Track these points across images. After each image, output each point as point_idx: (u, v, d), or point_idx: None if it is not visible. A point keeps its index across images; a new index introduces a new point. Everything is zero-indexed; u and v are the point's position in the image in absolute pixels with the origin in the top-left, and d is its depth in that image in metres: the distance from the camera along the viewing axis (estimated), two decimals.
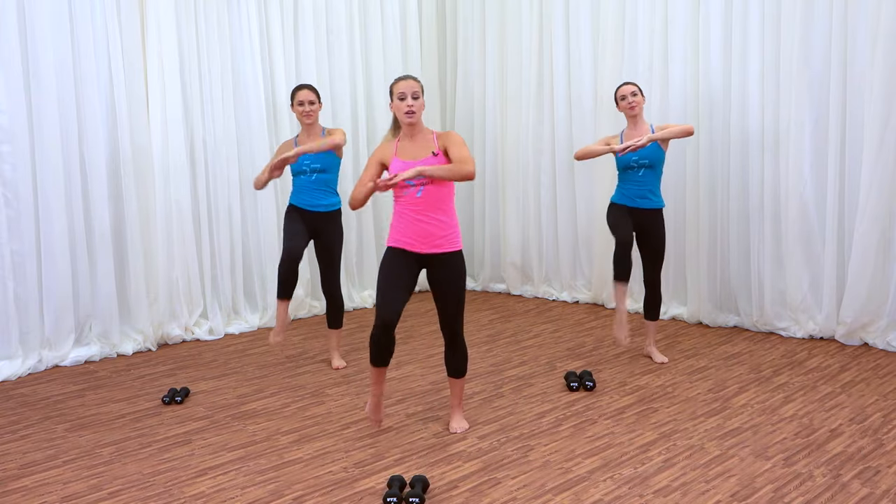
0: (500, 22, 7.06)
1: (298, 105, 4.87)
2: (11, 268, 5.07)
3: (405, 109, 3.71)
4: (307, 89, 4.91)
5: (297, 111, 4.90)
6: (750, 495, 3.25)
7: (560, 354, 5.32)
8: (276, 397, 4.61)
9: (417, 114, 3.74)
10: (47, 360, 5.21)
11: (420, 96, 3.74)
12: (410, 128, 3.77)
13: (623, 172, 4.93)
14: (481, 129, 7.32)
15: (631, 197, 4.90)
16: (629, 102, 4.87)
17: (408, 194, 3.72)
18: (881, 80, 5.01)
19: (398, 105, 3.73)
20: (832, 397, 4.37)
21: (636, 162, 4.86)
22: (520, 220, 7.11)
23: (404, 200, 3.74)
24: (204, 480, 3.53)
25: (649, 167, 4.86)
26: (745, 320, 5.78)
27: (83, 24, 5.27)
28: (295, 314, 6.46)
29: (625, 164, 4.89)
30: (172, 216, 5.75)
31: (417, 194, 3.70)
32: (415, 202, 3.72)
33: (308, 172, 4.90)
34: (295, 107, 4.90)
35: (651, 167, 4.86)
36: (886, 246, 5.15)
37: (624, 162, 4.88)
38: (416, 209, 3.72)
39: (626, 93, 4.89)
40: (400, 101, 3.72)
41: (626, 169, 4.90)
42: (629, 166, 4.88)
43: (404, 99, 3.71)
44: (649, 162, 4.85)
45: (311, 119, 4.89)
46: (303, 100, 4.86)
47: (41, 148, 5.13)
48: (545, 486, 3.39)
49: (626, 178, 4.92)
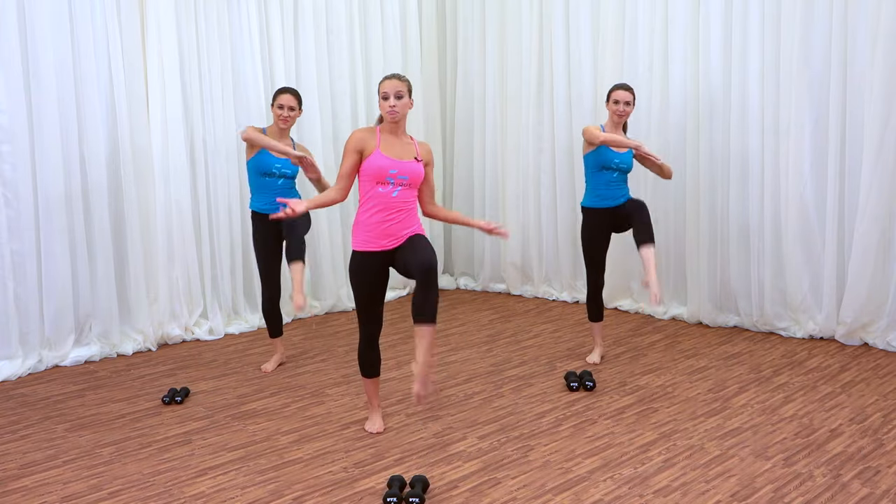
0: (500, 22, 7.05)
1: (279, 108, 4.79)
2: (11, 268, 5.07)
3: (387, 109, 3.75)
4: (290, 94, 4.83)
5: (275, 113, 4.81)
6: (750, 495, 3.25)
7: (560, 354, 5.32)
8: (276, 397, 4.61)
9: (400, 113, 3.77)
10: (47, 360, 5.21)
11: (404, 96, 3.76)
12: (394, 125, 3.81)
13: (597, 172, 4.87)
14: (481, 129, 7.31)
15: (604, 198, 4.88)
16: (621, 109, 4.86)
17: (384, 192, 3.72)
18: (881, 80, 5.01)
19: (382, 104, 3.78)
20: (832, 397, 4.37)
21: (616, 164, 4.84)
22: (520, 220, 7.11)
23: (377, 199, 3.73)
24: (204, 480, 3.53)
25: (624, 171, 4.87)
26: (745, 320, 5.78)
27: (83, 24, 5.27)
28: (294, 314, 6.46)
29: (604, 164, 4.83)
30: (172, 216, 5.75)
31: (394, 194, 3.73)
32: (389, 201, 3.73)
33: (277, 176, 4.83)
34: (275, 108, 4.82)
35: (625, 172, 4.88)
36: (886, 246, 5.15)
37: (604, 161, 4.83)
38: (387, 210, 3.73)
39: (621, 99, 4.85)
40: (384, 100, 3.76)
41: (602, 168, 4.85)
42: (608, 166, 4.84)
43: (387, 98, 3.75)
44: (626, 167, 4.85)
45: (287, 125, 4.83)
46: (283, 104, 4.79)
47: (41, 148, 5.13)
48: (545, 486, 3.39)
49: (599, 179, 4.87)
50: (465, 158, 7.48)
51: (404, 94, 3.76)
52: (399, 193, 3.74)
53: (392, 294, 7.09)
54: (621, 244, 6.08)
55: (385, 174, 3.70)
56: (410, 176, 3.76)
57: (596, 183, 4.90)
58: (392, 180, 3.71)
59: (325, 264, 6.60)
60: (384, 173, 3.70)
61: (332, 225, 6.61)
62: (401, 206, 3.75)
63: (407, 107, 3.79)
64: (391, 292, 7.09)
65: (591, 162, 4.88)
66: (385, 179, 3.71)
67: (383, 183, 3.71)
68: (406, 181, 3.75)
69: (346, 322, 6.14)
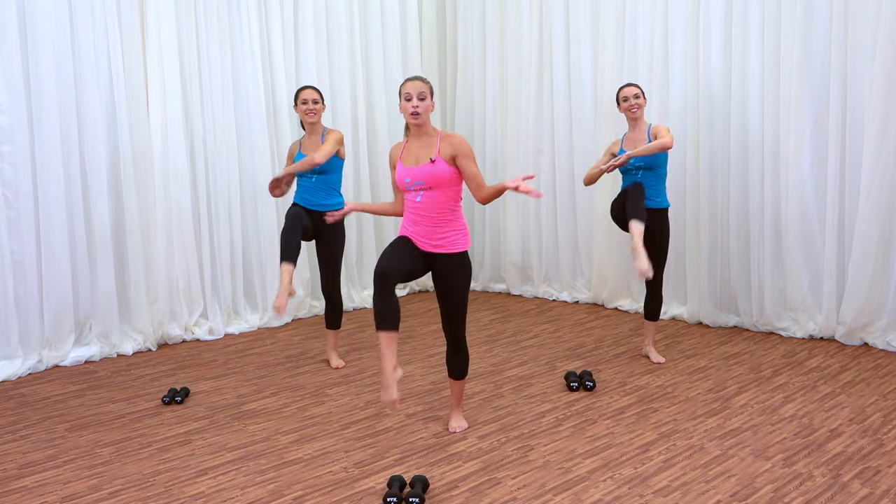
0: (500, 22, 7.05)
1: (302, 104, 4.91)
2: (11, 268, 5.07)
3: (410, 110, 3.74)
4: (311, 89, 4.97)
5: (300, 110, 4.93)
6: (750, 495, 3.25)
7: (560, 354, 5.32)
8: (276, 397, 4.61)
9: (423, 115, 3.75)
10: (47, 360, 5.21)
11: (427, 97, 3.75)
12: (417, 129, 3.80)
13: (624, 174, 4.96)
14: (481, 129, 7.31)
15: None
16: (631, 104, 4.87)
17: (410, 198, 3.78)
18: (881, 80, 5.00)
19: (404, 105, 3.75)
20: (832, 397, 4.37)
21: (632, 164, 4.86)
22: (520, 220, 7.11)
23: (407, 204, 3.82)
24: (204, 480, 3.53)
25: (647, 169, 4.86)
26: (745, 320, 5.78)
27: (83, 24, 5.27)
28: (295, 314, 6.47)
29: (623, 169, 4.91)
30: (172, 216, 5.75)
31: (417, 199, 3.75)
32: (415, 206, 3.76)
33: (308, 174, 4.91)
34: (299, 106, 4.93)
35: (649, 169, 4.85)
36: (886, 246, 5.15)
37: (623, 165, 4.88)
38: (415, 214, 3.77)
39: (629, 94, 4.88)
40: (406, 101, 3.74)
41: (625, 172, 4.93)
42: (627, 169, 4.90)
43: (410, 100, 3.73)
44: (645, 164, 4.85)
45: (314, 118, 4.92)
46: (307, 98, 4.91)
47: (41, 148, 5.13)
48: (545, 486, 3.39)
49: (626, 181, 4.95)
50: None
51: (426, 95, 3.75)
52: (423, 198, 3.74)
53: None
54: (622, 244, 6.08)
55: (402, 184, 3.78)
56: (426, 180, 3.71)
57: (624, 182, 4.97)
58: (411, 187, 3.76)
59: None
60: (402, 184, 3.78)
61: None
62: (427, 211, 3.73)
63: (429, 109, 3.78)
64: None
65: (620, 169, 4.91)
66: (405, 188, 3.78)
67: (406, 191, 3.79)
68: (423, 186, 3.72)
69: (346, 322, 6.14)
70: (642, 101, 4.90)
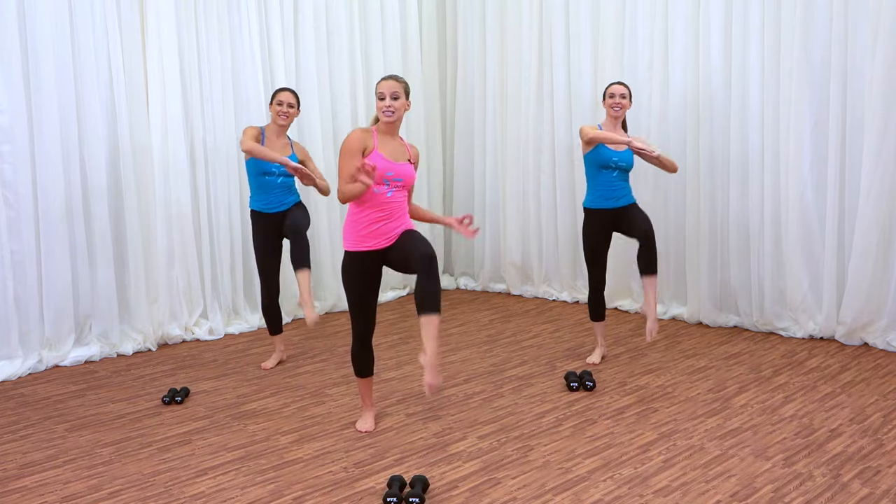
0: (500, 21, 7.05)
1: (277, 104, 4.90)
2: (11, 268, 5.07)
3: (383, 109, 3.78)
4: (289, 92, 4.96)
5: (274, 110, 4.92)
6: (750, 495, 3.25)
7: (560, 354, 5.32)
8: (276, 397, 4.61)
9: (396, 114, 3.78)
10: (47, 360, 5.21)
11: (400, 97, 3.78)
12: (388, 126, 3.83)
13: (597, 172, 4.87)
14: (481, 129, 7.31)
15: (606, 197, 4.87)
16: (616, 102, 4.87)
17: (379, 192, 3.72)
18: (881, 79, 5.00)
19: (378, 104, 3.81)
20: (832, 397, 4.37)
21: (615, 163, 4.83)
22: (520, 220, 7.10)
23: (372, 199, 3.73)
24: (204, 480, 3.53)
25: (625, 170, 4.86)
26: (745, 320, 5.78)
27: (83, 24, 5.27)
28: (295, 314, 6.46)
29: (603, 163, 4.83)
30: (172, 216, 5.75)
31: (388, 194, 3.75)
32: (383, 202, 3.74)
33: (276, 175, 4.89)
34: (274, 105, 4.92)
35: (626, 171, 4.87)
36: (886, 246, 5.15)
37: (603, 160, 4.82)
38: (382, 211, 3.74)
39: (616, 93, 4.88)
40: (380, 100, 3.79)
41: (602, 168, 4.84)
42: (608, 165, 4.83)
43: (383, 99, 3.77)
44: (626, 165, 4.85)
45: (285, 121, 4.92)
46: (283, 100, 4.91)
47: (41, 148, 5.13)
48: (545, 486, 3.39)
49: (600, 179, 4.87)
50: (465, 158, 7.48)
51: (400, 94, 3.77)
52: (393, 194, 3.77)
53: (392, 294, 7.09)
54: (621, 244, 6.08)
55: (383, 176, 3.70)
56: (405, 178, 3.80)
57: (596, 183, 4.89)
58: (388, 182, 3.73)
59: (326, 264, 6.60)
60: (382, 175, 3.70)
61: (332, 224, 6.61)
62: (394, 207, 3.77)
63: (403, 108, 3.80)
64: (391, 292, 7.10)
65: (591, 161, 4.87)
66: (382, 181, 3.71)
67: (379, 184, 3.71)
68: (401, 183, 3.78)
69: (346, 322, 6.13)
70: (627, 102, 4.89)
